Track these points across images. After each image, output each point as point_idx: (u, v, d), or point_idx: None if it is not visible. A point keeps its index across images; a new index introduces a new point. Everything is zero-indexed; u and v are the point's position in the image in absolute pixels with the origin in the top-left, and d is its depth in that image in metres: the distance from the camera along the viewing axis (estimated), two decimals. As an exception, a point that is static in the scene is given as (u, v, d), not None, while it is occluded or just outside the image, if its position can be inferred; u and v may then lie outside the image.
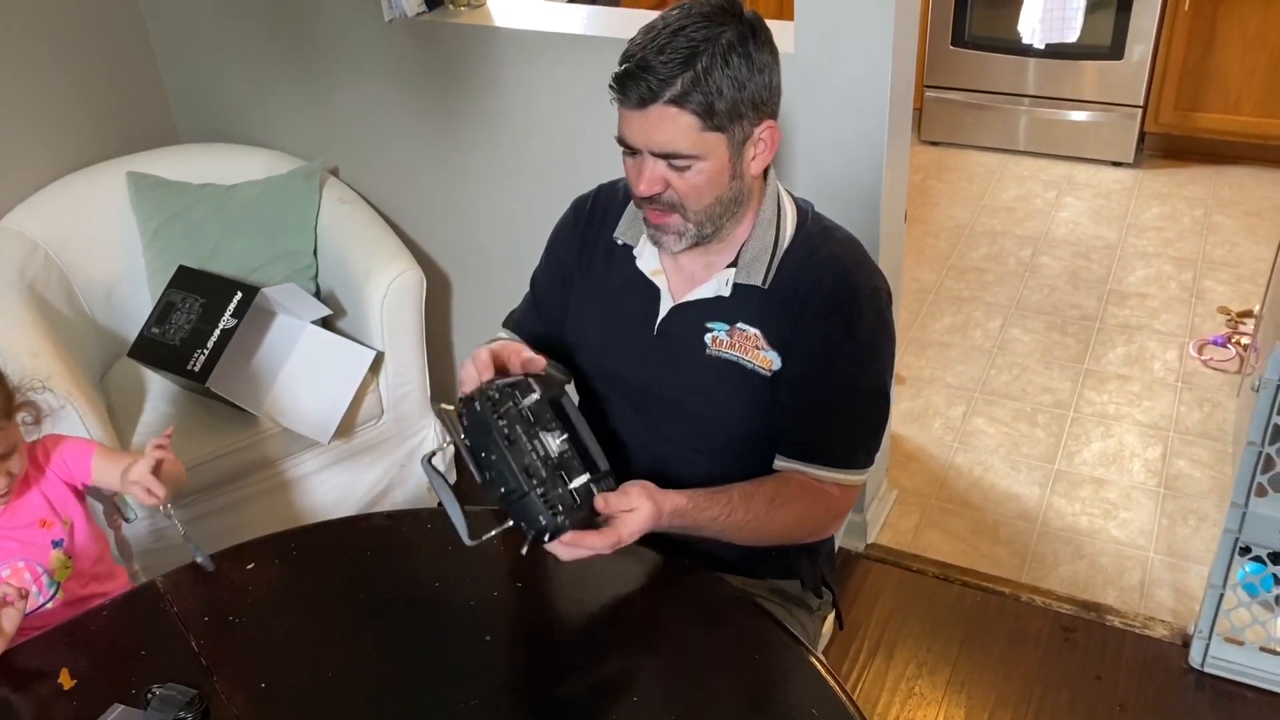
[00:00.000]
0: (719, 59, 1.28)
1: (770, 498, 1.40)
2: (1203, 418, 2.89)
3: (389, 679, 1.30)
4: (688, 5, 1.33)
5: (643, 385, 1.51)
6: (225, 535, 1.88)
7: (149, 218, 2.52)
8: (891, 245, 2.26)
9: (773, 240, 1.43)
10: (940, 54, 4.17)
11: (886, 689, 2.22)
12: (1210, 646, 2.17)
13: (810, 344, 1.41)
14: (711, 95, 1.29)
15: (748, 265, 1.43)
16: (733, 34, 1.29)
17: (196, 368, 2.22)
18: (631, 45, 1.33)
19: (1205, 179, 4.02)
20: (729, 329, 1.44)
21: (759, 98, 1.33)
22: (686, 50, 1.28)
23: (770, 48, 1.34)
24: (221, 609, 1.41)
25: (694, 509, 1.34)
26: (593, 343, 1.56)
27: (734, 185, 1.37)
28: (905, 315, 3.31)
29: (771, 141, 1.38)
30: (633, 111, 1.32)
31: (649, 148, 1.33)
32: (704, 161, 1.33)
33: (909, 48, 2.08)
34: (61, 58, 2.56)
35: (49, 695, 1.31)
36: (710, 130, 1.31)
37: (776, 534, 1.43)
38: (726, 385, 1.45)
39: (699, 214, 1.37)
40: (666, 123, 1.30)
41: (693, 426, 1.49)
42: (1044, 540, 2.55)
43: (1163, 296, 3.39)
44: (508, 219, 2.51)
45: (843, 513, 1.50)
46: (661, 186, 1.35)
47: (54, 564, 1.59)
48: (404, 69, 2.46)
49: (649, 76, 1.29)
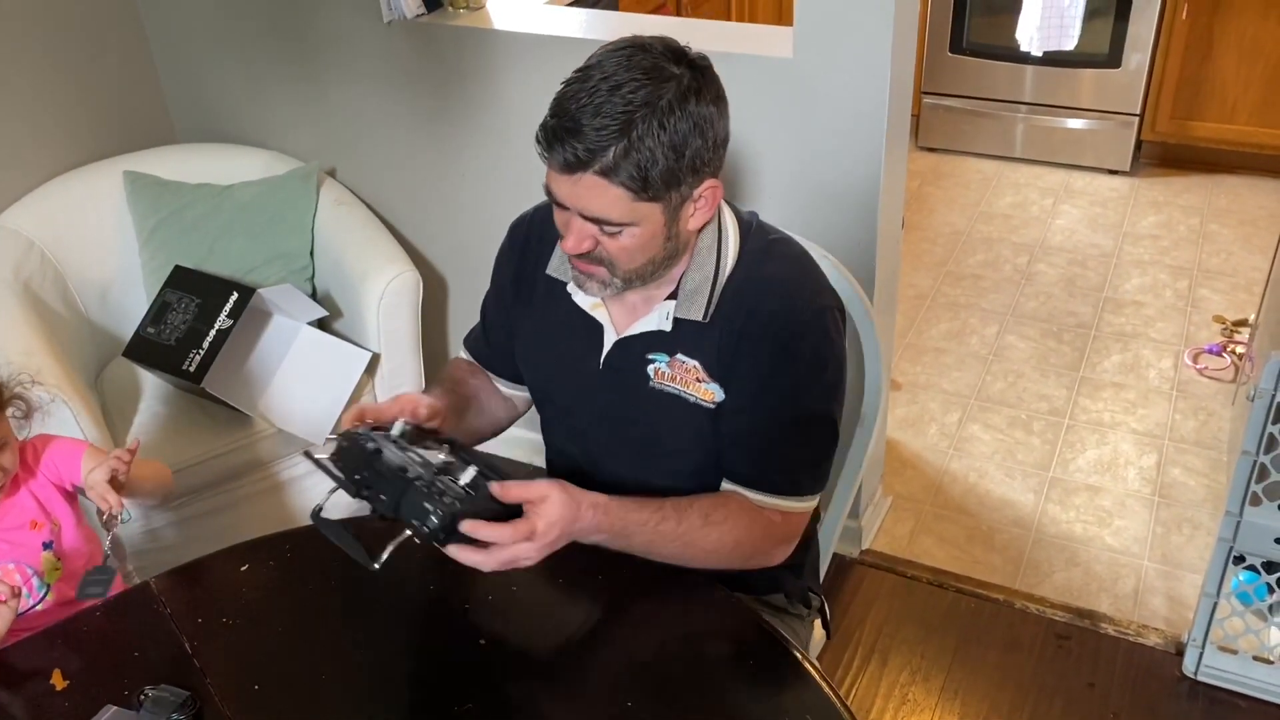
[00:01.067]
0: (655, 124, 1.18)
1: (705, 513, 1.34)
2: (1197, 426, 2.89)
3: (383, 682, 1.30)
4: (630, 50, 1.22)
5: (589, 418, 1.47)
6: (219, 536, 1.87)
7: (145, 217, 2.52)
8: (889, 251, 2.26)
9: (713, 269, 1.36)
10: (938, 61, 4.18)
11: (880, 695, 2.22)
12: (1204, 655, 2.17)
13: (748, 371, 1.35)
14: (645, 166, 1.20)
15: (688, 298, 1.36)
16: (673, 93, 1.19)
17: (192, 368, 2.22)
18: (564, 94, 1.22)
19: (1201, 188, 4.03)
20: (669, 360, 1.38)
21: (700, 160, 1.24)
22: (622, 116, 1.18)
23: (716, 99, 1.25)
24: (215, 610, 1.40)
25: (619, 507, 1.28)
26: (540, 375, 1.53)
27: (669, 245, 1.30)
28: (901, 321, 3.32)
29: (713, 198, 1.30)
30: (559, 174, 1.23)
31: (577, 211, 1.25)
32: (636, 227, 1.25)
33: (908, 54, 2.08)
34: (59, 56, 2.55)
35: (41, 696, 1.30)
36: (644, 201, 1.23)
37: (711, 552, 1.35)
38: (671, 419, 1.39)
39: (628, 272, 1.31)
40: (595, 192, 1.22)
41: (640, 459, 1.45)
42: (1038, 547, 2.56)
43: (1158, 305, 3.40)
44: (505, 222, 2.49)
45: (788, 539, 1.43)
46: (590, 245, 1.28)
47: (44, 565, 1.58)
48: (402, 71, 2.46)
49: (577, 142, 1.19)
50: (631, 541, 1.30)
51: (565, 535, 1.23)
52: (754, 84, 2.07)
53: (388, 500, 1.18)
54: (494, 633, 1.34)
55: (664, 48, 1.23)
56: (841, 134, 2.07)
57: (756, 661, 1.33)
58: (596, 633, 1.36)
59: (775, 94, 2.08)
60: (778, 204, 2.18)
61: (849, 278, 1.65)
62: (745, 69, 2.07)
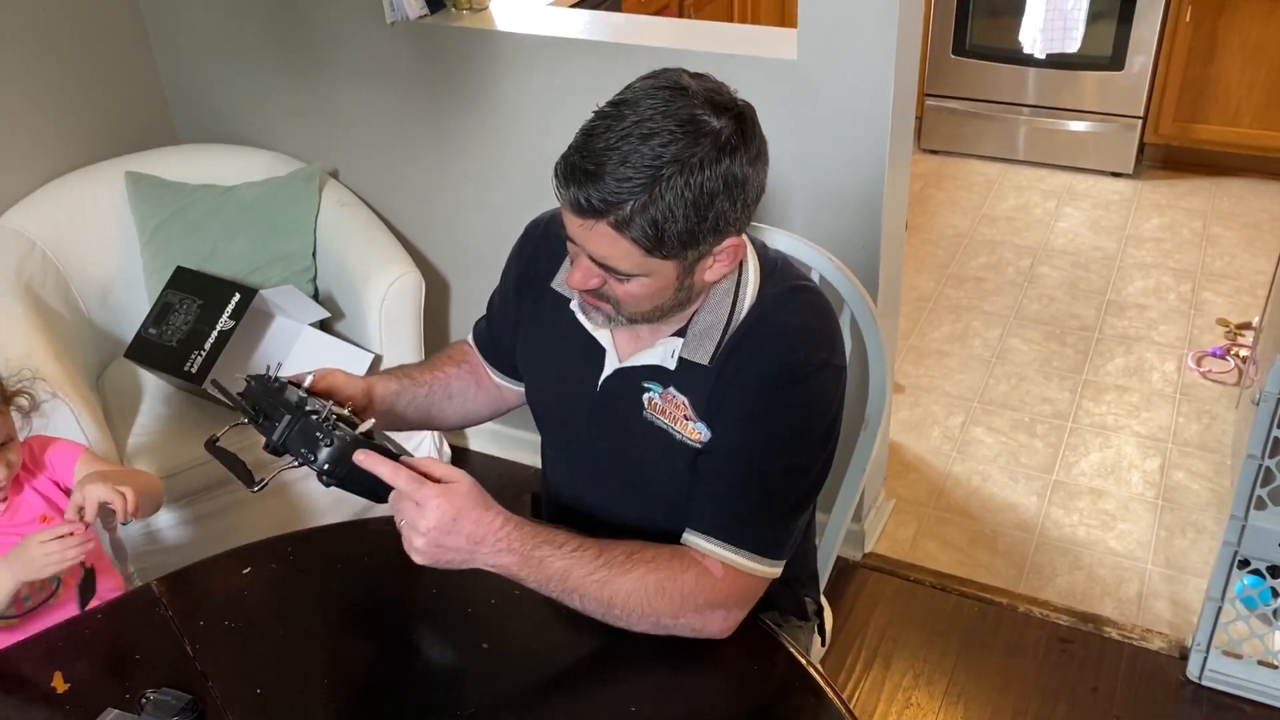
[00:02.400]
0: (681, 183, 1.10)
1: (629, 551, 1.24)
2: (1201, 430, 2.89)
3: (384, 686, 1.29)
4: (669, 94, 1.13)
5: (581, 438, 1.42)
6: (221, 539, 1.88)
7: (147, 218, 2.51)
8: (892, 254, 2.26)
9: (727, 313, 1.29)
10: (941, 63, 4.18)
11: (883, 699, 2.22)
12: (1208, 659, 2.16)
13: (732, 411, 1.28)
14: (662, 224, 1.12)
15: (696, 340, 1.29)
16: (707, 150, 1.11)
17: (193, 369, 2.21)
18: (593, 129, 1.13)
19: (1204, 191, 4.03)
20: (663, 392, 1.32)
21: (724, 220, 1.16)
22: (650, 169, 1.10)
23: (755, 158, 1.16)
24: (217, 613, 1.39)
25: (535, 530, 1.20)
26: (537, 386, 1.49)
27: (680, 295, 1.24)
28: (904, 323, 3.31)
29: (734, 255, 1.23)
30: (571, 214, 1.16)
31: (587, 252, 1.19)
32: (646, 278, 1.19)
33: (912, 57, 2.08)
34: (61, 57, 2.55)
35: (42, 699, 1.29)
36: (656, 258, 1.16)
37: (631, 593, 1.22)
38: (659, 454, 1.33)
39: (634, 314, 1.26)
40: (606, 241, 1.15)
41: (625, 486, 1.41)
42: (1042, 551, 2.55)
43: (1161, 308, 3.39)
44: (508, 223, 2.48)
45: (726, 601, 1.26)
46: (598, 283, 1.22)
47: None
48: (405, 72, 2.45)
49: (594, 190, 1.11)
50: (543, 571, 1.21)
51: (466, 537, 1.16)
52: (757, 86, 2.04)
53: (281, 429, 1.17)
54: (496, 636, 1.33)
55: (705, 97, 1.14)
56: (845, 136, 2.06)
57: (760, 666, 1.32)
58: (599, 637, 1.35)
59: (779, 96, 2.07)
60: (781, 205, 2.18)
61: (852, 279, 1.65)
62: (748, 71, 2.06)
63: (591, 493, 1.47)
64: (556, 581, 1.22)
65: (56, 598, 1.58)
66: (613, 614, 1.25)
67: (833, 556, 1.78)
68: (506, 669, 1.30)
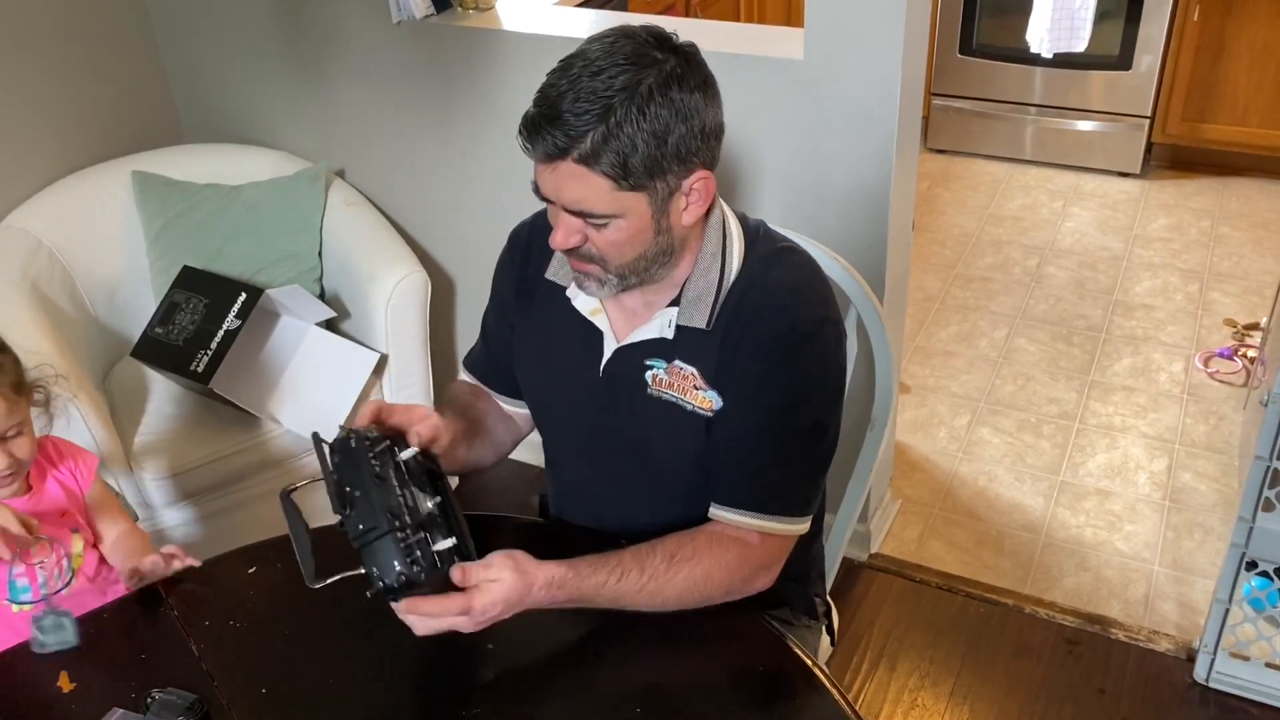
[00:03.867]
0: (635, 111, 1.15)
1: (669, 554, 1.28)
2: (1208, 431, 2.88)
3: (389, 686, 1.29)
4: (614, 38, 1.19)
5: (588, 429, 1.43)
6: (227, 538, 1.87)
7: (153, 217, 2.51)
8: (899, 254, 2.25)
9: (717, 277, 1.32)
10: (947, 62, 4.17)
11: (889, 700, 2.21)
12: (1215, 661, 2.15)
13: (741, 380, 1.31)
14: (626, 153, 1.16)
15: (690, 306, 1.32)
16: (655, 79, 1.16)
17: (200, 368, 2.21)
18: (545, 84, 1.20)
19: (1212, 191, 4.01)
20: (667, 366, 1.34)
21: (685, 149, 1.20)
22: (602, 101, 1.15)
23: (703, 89, 1.21)
24: (223, 613, 1.39)
25: (575, 577, 1.24)
26: (538, 386, 1.49)
27: (660, 240, 1.26)
28: (910, 323, 3.30)
29: (706, 191, 1.26)
30: (540, 165, 1.20)
31: (561, 203, 1.22)
32: (622, 219, 1.22)
33: (918, 56, 2.07)
34: (68, 56, 2.55)
35: (48, 699, 1.29)
36: (627, 190, 1.19)
37: (683, 592, 1.29)
38: (670, 428, 1.35)
39: (621, 267, 1.27)
40: (575, 181, 1.19)
41: (638, 471, 1.41)
42: (1048, 552, 2.54)
43: (1169, 308, 3.38)
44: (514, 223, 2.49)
45: (766, 565, 1.35)
46: (579, 240, 1.25)
47: (74, 547, 1.58)
48: (411, 71, 2.45)
49: (555, 130, 1.16)
50: (595, 603, 1.27)
51: (509, 611, 1.22)
52: (764, 86, 2.07)
53: (363, 534, 1.14)
54: (501, 637, 1.33)
55: (649, 35, 1.20)
56: (852, 136, 2.06)
57: (766, 668, 1.32)
58: (604, 638, 1.35)
59: (785, 96, 2.07)
60: (787, 205, 2.17)
61: (859, 279, 1.64)
62: (755, 70, 2.06)
63: (598, 480, 1.47)
64: (609, 602, 1.28)
65: (70, 589, 1.58)
66: (667, 610, 1.30)
67: (839, 557, 1.78)
68: (512, 670, 1.30)
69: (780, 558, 1.37)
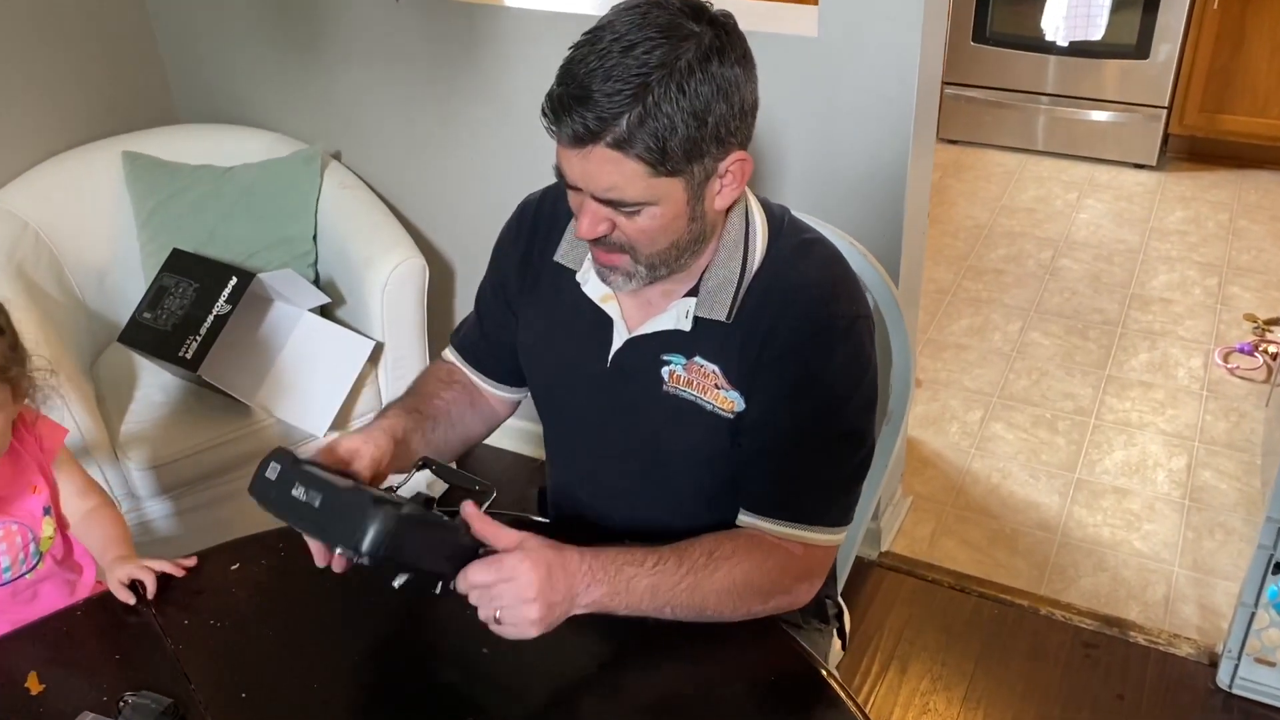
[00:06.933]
0: (674, 89, 1.06)
1: (709, 550, 1.20)
2: (1229, 428, 2.80)
3: (378, 692, 1.22)
4: (645, 7, 1.09)
5: (595, 424, 1.35)
6: (215, 531, 1.81)
7: (144, 199, 2.44)
8: (914, 243, 2.17)
9: (739, 266, 1.23)
10: (960, 50, 4.08)
11: (899, 704, 2.14)
12: (1239, 667, 2.08)
13: (772, 383, 1.22)
14: (664, 136, 1.07)
15: (710, 296, 1.23)
16: (694, 53, 1.07)
17: (188, 355, 2.14)
18: (571, 59, 1.09)
19: (1230, 183, 3.93)
20: (686, 363, 1.25)
21: (725, 129, 1.11)
22: (637, 79, 1.05)
23: (743, 61, 1.12)
24: (202, 612, 1.32)
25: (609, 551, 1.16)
26: (541, 375, 1.41)
27: (693, 227, 1.18)
28: (922, 316, 3.23)
29: (742, 173, 1.17)
30: (568, 149, 1.11)
31: (590, 191, 1.13)
32: (656, 207, 1.13)
33: (937, 36, 1.99)
34: (57, 31, 2.48)
35: (15, 701, 1.22)
36: (663, 176, 1.10)
37: (723, 592, 1.20)
38: (684, 428, 1.27)
39: (651, 257, 1.18)
40: (608, 166, 1.09)
41: (649, 472, 1.33)
42: (1064, 551, 2.47)
43: (1187, 302, 3.30)
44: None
45: (809, 575, 1.28)
46: (607, 229, 1.16)
47: (44, 530, 1.51)
48: (411, 50, 2.38)
49: (587, 112, 1.06)
50: (632, 593, 1.16)
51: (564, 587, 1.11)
52: (776, 64, 1.98)
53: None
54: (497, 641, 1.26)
55: (683, 3, 1.10)
56: (868, 117, 1.98)
57: (776, 672, 1.25)
58: (606, 643, 1.28)
59: (799, 75, 1.99)
60: (801, 189, 2.09)
61: (878, 268, 1.57)
62: (767, 48, 1.96)
63: (603, 476, 1.39)
64: (647, 600, 1.17)
65: (35, 573, 1.51)
66: (705, 616, 1.21)
67: (851, 556, 1.71)
68: (508, 676, 1.23)
69: (823, 570, 1.29)
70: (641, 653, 1.26)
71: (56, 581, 1.55)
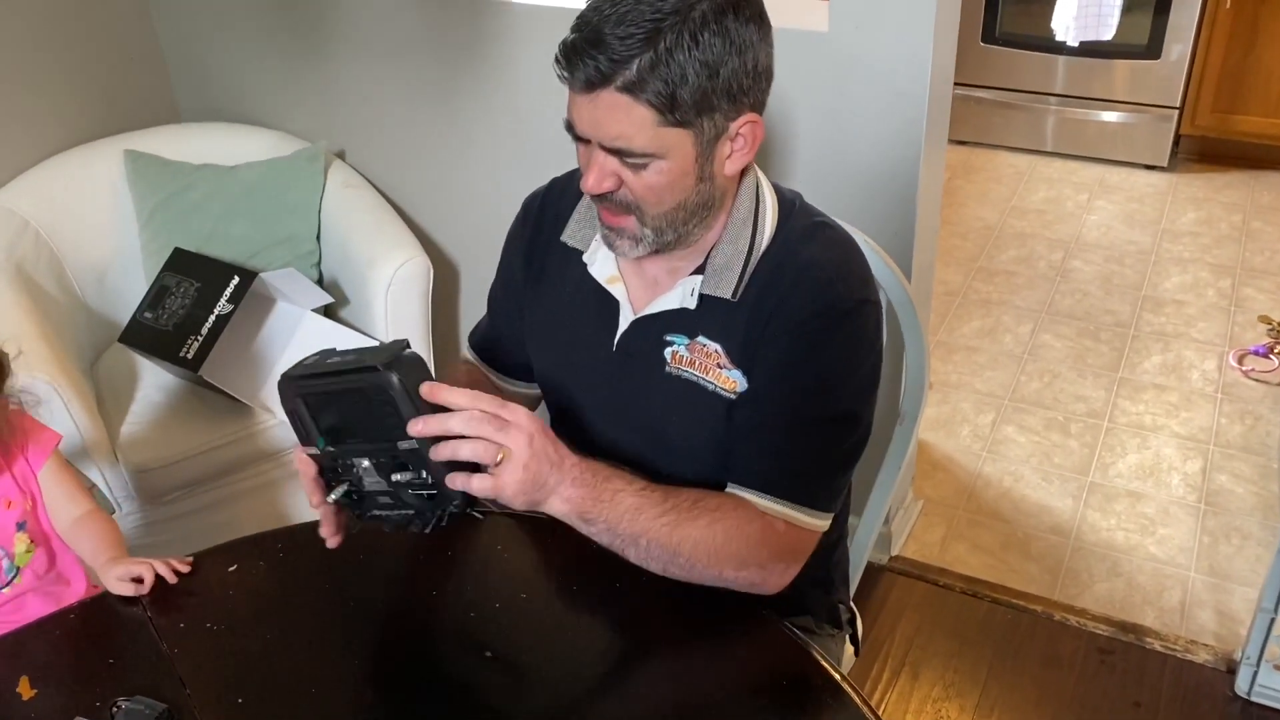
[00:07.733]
0: (687, 37, 1.06)
1: (695, 498, 1.19)
2: (1245, 431, 2.76)
3: (378, 696, 1.18)
4: None
5: (602, 406, 1.33)
6: (215, 533, 1.78)
7: (146, 198, 2.42)
8: (926, 242, 2.14)
9: (747, 244, 1.22)
10: (969, 51, 4.04)
11: (911, 711, 2.10)
12: (1258, 674, 2.04)
13: (771, 357, 1.21)
14: (674, 83, 1.07)
15: (716, 274, 1.22)
16: (709, 3, 1.07)
17: (189, 355, 2.12)
18: (586, 8, 1.10)
19: (1243, 184, 3.89)
20: (689, 343, 1.25)
21: (737, 85, 1.11)
22: (650, 23, 1.06)
23: (758, 21, 1.11)
24: (198, 615, 1.29)
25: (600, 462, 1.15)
26: (547, 360, 1.39)
27: (701, 188, 1.17)
28: (932, 318, 3.19)
29: (753, 138, 1.17)
30: (579, 95, 1.11)
31: (598, 139, 1.13)
32: (663, 160, 1.12)
33: (950, 32, 1.96)
34: (59, 29, 2.46)
35: (6, 706, 1.19)
36: (671, 125, 1.10)
37: (700, 542, 1.17)
38: (687, 408, 1.25)
39: (658, 219, 1.17)
40: (617, 113, 1.09)
41: (654, 453, 1.31)
42: (1078, 556, 2.43)
43: (1200, 304, 3.26)
44: (520, 207, 2.40)
45: (787, 556, 1.23)
46: (613, 184, 1.15)
47: (16, 547, 1.48)
48: (415, 47, 2.35)
49: (599, 54, 1.06)
50: (615, 507, 1.14)
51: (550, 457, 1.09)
52: (787, 58, 1.92)
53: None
54: (500, 643, 1.23)
55: None
56: (880, 114, 1.94)
57: (789, 678, 1.21)
58: (611, 646, 1.25)
59: (810, 70, 1.96)
60: (811, 185, 2.03)
61: (892, 266, 1.53)
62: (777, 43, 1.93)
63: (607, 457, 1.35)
64: (627, 521, 1.14)
65: (13, 587, 1.48)
66: (677, 562, 1.18)
67: (863, 561, 1.67)
68: (511, 678, 1.19)
69: (801, 555, 1.25)
70: (651, 656, 1.22)
71: (41, 595, 1.52)
